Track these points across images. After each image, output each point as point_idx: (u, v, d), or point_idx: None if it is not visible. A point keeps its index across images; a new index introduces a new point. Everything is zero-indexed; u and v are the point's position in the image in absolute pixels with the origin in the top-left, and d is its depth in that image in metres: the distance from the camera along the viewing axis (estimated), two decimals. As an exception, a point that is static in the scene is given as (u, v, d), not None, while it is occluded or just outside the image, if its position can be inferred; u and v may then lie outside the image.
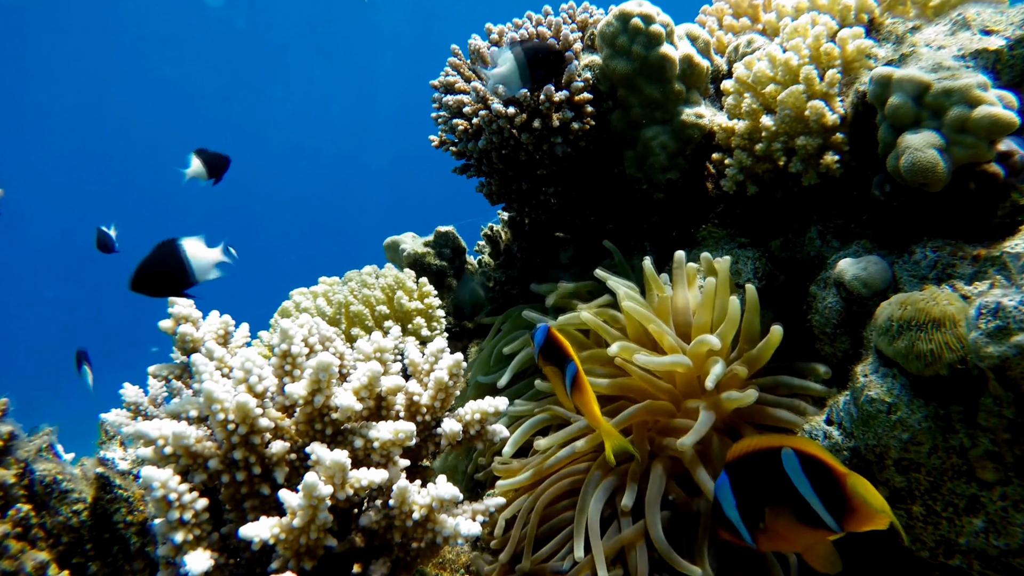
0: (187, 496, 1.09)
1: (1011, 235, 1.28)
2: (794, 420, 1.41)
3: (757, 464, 1.04)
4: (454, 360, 1.27)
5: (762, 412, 1.45)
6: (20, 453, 1.37)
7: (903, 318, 1.16)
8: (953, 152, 1.30)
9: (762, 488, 1.04)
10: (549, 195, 2.02)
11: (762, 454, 1.04)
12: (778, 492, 1.02)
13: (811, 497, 0.99)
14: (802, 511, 1.00)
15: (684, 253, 1.64)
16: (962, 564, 1.16)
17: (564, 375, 1.29)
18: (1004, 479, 1.10)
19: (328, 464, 1.07)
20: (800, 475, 1.00)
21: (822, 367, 1.49)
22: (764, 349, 1.45)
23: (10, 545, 1.25)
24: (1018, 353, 0.99)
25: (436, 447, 1.31)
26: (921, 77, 1.34)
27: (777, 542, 1.07)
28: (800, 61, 1.56)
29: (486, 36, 2.00)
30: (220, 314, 1.48)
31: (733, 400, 1.39)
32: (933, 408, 1.14)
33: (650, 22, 1.78)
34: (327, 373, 1.14)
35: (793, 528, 1.02)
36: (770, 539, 1.06)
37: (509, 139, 1.89)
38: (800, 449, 1.01)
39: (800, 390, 1.47)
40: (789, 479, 1.01)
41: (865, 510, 0.96)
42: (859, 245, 1.53)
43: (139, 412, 1.47)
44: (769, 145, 1.61)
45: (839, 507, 0.98)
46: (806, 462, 1.00)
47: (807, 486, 1.00)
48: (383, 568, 1.17)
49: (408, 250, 2.52)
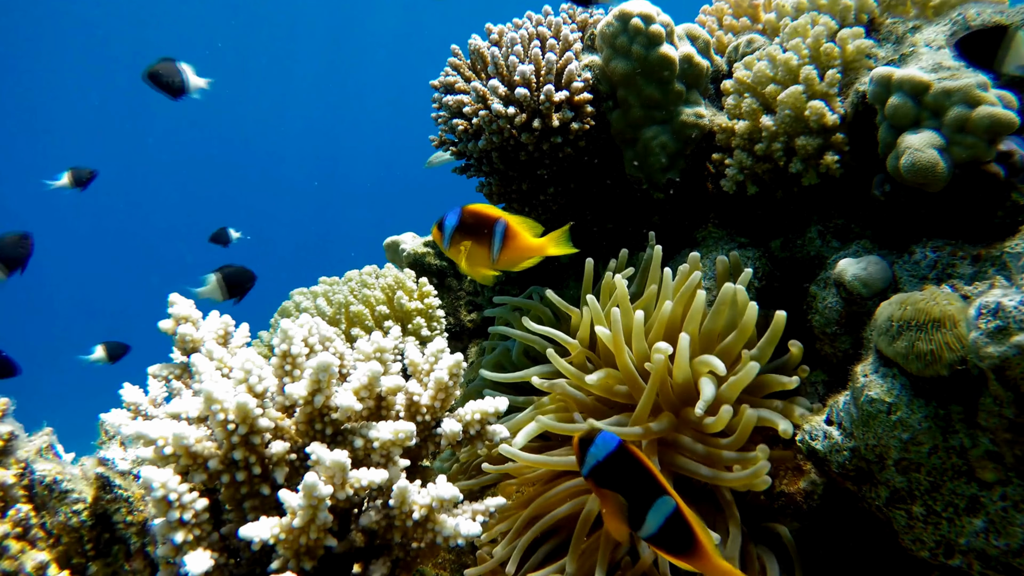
0: (187, 496, 1.09)
1: (1011, 235, 1.28)
2: (777, 413, 1.39)
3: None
4: (454, 360, 1.27)
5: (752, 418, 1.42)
6: (20, 453, 1.37)
7: (903, 318, 1.16)
8: (953, 152, 1.30)
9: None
10: (549, 195, 2.02)
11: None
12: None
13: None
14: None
15: (698, 254, 1.62)
16: (962, 564, 1.16)
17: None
18: (1004, 479, 1.10)
19: (328, 464, 1.07)
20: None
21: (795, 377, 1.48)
22: (766, 345, 1.42)
23: (10, 545, 1.25)
24: (1018, 353, 0.99)
25: (436, 447, 1.31)
26: (921, 77, 1.34)
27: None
28: (800, 61, 1.56)
29: (486, 36, 2.00)
30: (220, 314, 1.48)
31: (709, 426, 1.36)
32: (933, 408, 1.14)
33: (650, 22, 1.78)
34: (327, 373, 1.14)
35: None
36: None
37: (509, 139, 1.89)
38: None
39: (778, 387, 1.42)
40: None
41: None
42: (859, 245, 1.53)
43: (139, 412, 1.46)
44: (769, 145, 1.61)
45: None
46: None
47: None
48: (383, 568, 1.17)
49: (408, 250, 2.52)
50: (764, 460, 1.32)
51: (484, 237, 1.33)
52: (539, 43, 1.88)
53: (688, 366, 1.41)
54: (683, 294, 1.52)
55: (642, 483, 0.99)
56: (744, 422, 1.35)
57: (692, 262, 1.58)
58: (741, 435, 1.36)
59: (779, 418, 1.37)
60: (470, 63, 1.99)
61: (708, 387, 1.36)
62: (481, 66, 1.95)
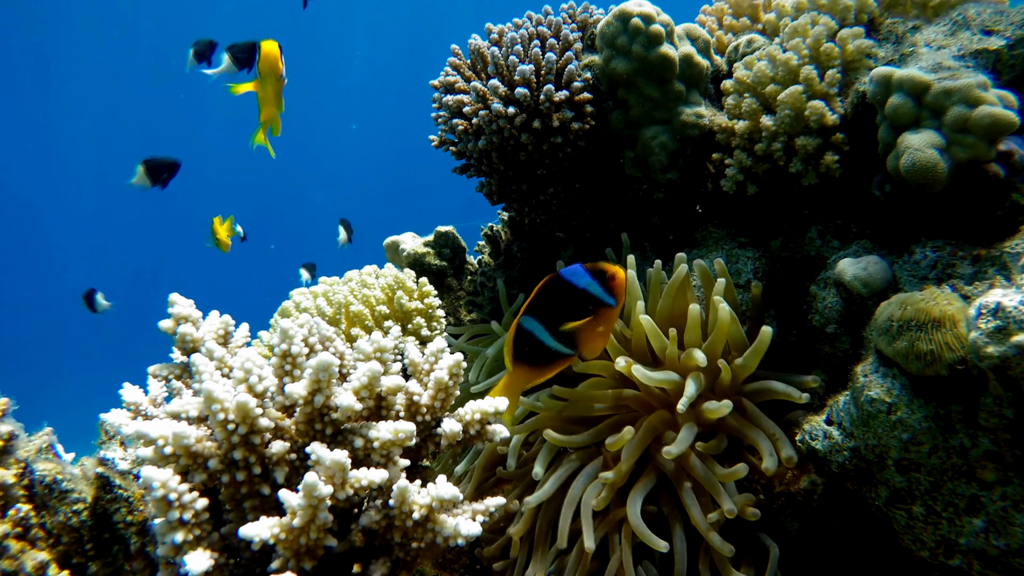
0: (187, 496, 1.09)
1: (1011, 235, 1.28)
2: (768, 443, 1.39)
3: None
4: (454, 360, 1.27)
5: (742, 428, 1.43)
6: (20, 453, 1.37)
7: (903, 318, 1.15)
8: (953, 152, 1.30)
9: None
10: (549, 195, 2.02)
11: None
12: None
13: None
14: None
15: (684, 255, 1.63)
16: (962, 564, 1.16)
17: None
18: (1004, 479, 1.10)
19: (328, 464, 1.07)
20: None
21: (812, 379, 1.48)
22: (751, 356, 1.42)
23: (10, 545, 1.25)
24: (1018, 353, 0.99)
25: (436, 447, 1.30)
26: (921, 77, 1.34)
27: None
28: (800, 61, 1.56)
29: (486, 36, 2.00)
30: (220, 314, 1.48)
31: (712, 410, 1.39)
32: (933, 408, 1.14)
33: (650, 22, 1.78)
34: (327, 373, 1.14)
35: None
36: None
37: (509, 139, 1.89)
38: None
39: (784, 396, 1.43)
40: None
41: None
42: (859, 245, 1.53)
43: (139, 412, 1.46)
44: (769, 145, 1.61)
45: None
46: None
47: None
48: (383, 568, 1.17)
49: (408, 250, 2.52)
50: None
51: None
52: (539, 43, 1.88)
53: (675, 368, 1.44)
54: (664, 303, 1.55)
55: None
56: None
57: (677, 261, 1.60)
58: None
59: (764, 443, 1.38)
60: (470, 63, 1.99)
61: (691, 385, 1.39)
62: (481, 66, 1.95)
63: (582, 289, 1.31)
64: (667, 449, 1.36)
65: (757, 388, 1.46)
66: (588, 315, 1.31)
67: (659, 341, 1.49)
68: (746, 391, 1.46)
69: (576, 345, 1.36)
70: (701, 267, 1.60)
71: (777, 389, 1.43)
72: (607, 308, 1.32)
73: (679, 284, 1.55)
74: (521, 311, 1.36)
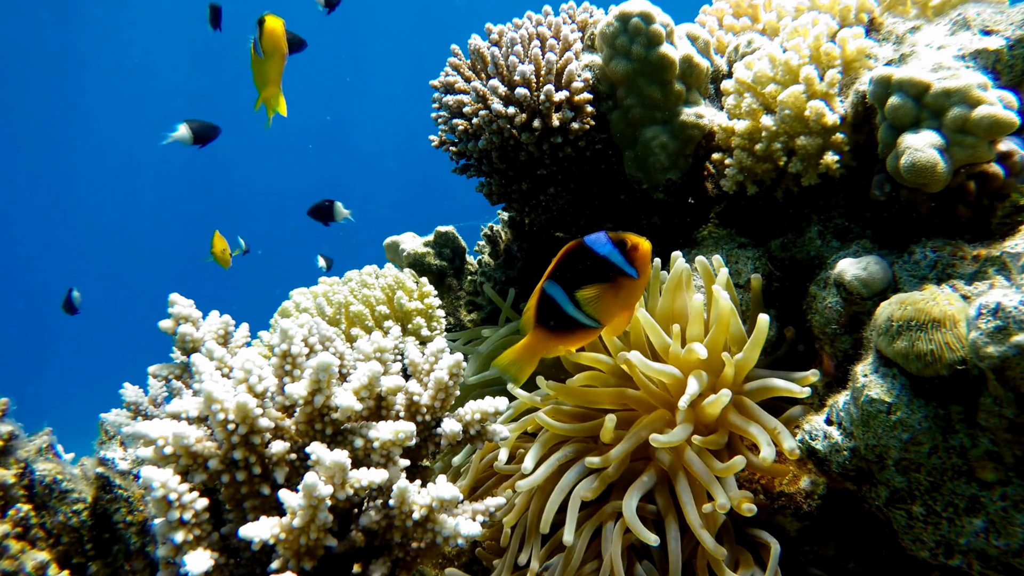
0: (187, 496, 1.09)
1: (1011, 235, 1.28)
2: (757, 436, 1.39)
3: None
4: (454, 360, 1.27)
5: (739, 423, 1.43)
6: (20, 453, 1.37)
7: (903, 318, 1.16)
8: (953, 152, 1.30)
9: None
10: (549, 195, 2.02)
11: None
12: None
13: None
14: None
15: (681, 253, 1.63)
16: (962, 564, 1.16)
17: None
18: (1004, 479, 1.10)
19: (328, 464, 1.07)
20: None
21: (811, 373, 1.47)
22: (751, 349, 1.42)
23: (10, 545, 1.25)
24: (1018, 353, 0.99)
25: (436, 447, 1.31)
26: (921, 77, 1.34)
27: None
28: (800, 61, 1.56)
29: (486, 36, 2.00)
30: (220, 314, 1.48)
31: (712, 403, 1.38)
32: (933, 408, 1.14)
33: (650, 22, 1.78)
34: (327, 373, 1.14)
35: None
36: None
37: (509, 139, 1.89)
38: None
39: (784, 392, 1.42)
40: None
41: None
42: (859, 245, 1.53)
43: (139, 412, 1.47)
44: (769, 145, 1.61)
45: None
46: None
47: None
48: (383, 568, 1.17)
49: (408, 250, 2.52)
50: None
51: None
52: (539, 43, 1.88)
53: (676, 365, 1.43)
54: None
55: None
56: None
57: (673, 259, 1.60)
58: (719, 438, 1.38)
59: (761, 436, 1.37)
60: (470, 63, 1.99)
61: (693, 383, 1.38)
62: (481, 66, 1.95)
63: (602, 256, 1.28)
64: (655, 436, 1.35)
65: (756, 387, 1.46)
66: (607, 283, 1.27)
67: (659, 338, 1.49)
68: (745, 390, 1.46)
69: (598, 317, 1.32)
70: (702, 263, 1.60)
71: (777, 386, 1.42)
72: (627, 279, 1.28)
73: (678, 281, 1.55)
74: (545, 276, 1.33)
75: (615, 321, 1.35)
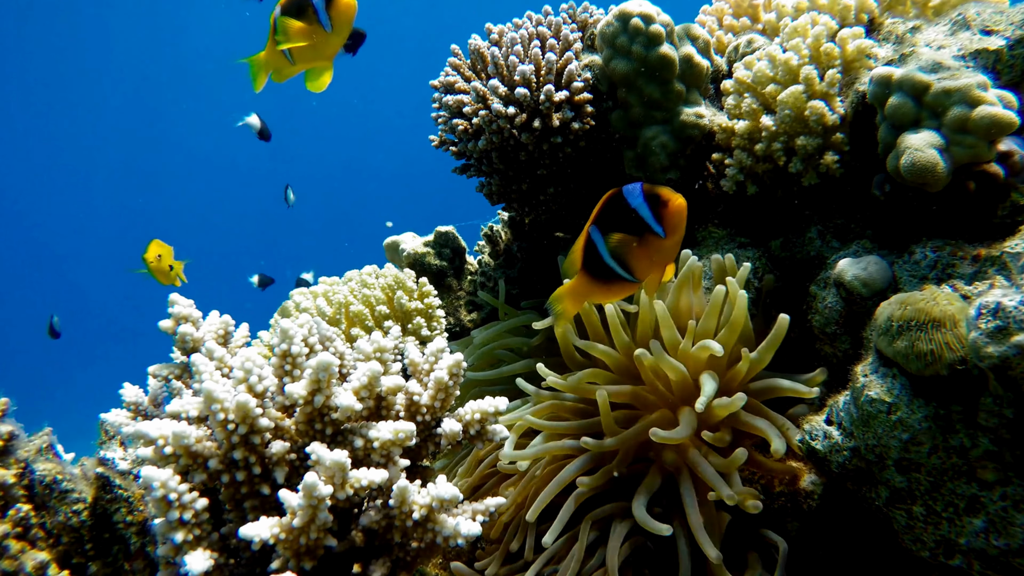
0: (187, 496, 1.09)
1: (1011, 235, 1.28)
2: (766, 431, 1.39)
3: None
4: (454, 360, 1.27)
5: (746, 419, 1.43)
6: (20, 453, 1.37)
7: (903, 318, 1.15)
8: (953, 152, 1.30)
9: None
10: (549, 195, 2.02)
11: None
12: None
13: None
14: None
15: (690, 252, 1.64)
16: (962, 564, 1.16)
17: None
18: (1004, 479, 1.10)
19: (328, 464, 1.07)
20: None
21: (819, 373, 1.48)
22: (766, 349, 1.42)
23: (10, 545, 1.25)
24: (1018, 353, 0.99)
25: (436, 447, 1.31)
26: (921, 77, 1.34)
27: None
28: (800, 61, 1.56)
29: (486, 36, 2.00)
30: (220, 314, 1.48)
31: (723, 406, 1.37)
32: (933, 408, 1.14)
33: (650, 22, 1.78)
34: (327, 373, 1.14)
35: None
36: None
37: (509, 139, 1.89)
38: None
39: (790, 392, 1.44)
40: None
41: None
42: (859, 245, 1.53)
43: (139, 412, 1.46)
44: (769, 145, 1.61)
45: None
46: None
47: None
48: (383, 568, 1.17)
49: (408, 250, 2.52)
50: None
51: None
52: (539, 43, 1.88)
53: (683, 364, 1.42)
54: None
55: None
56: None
57: (684, 257, 1.60)
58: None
59: (771, 431, 1.37)
60: (470, 63, 1.99)
61: (709, 383, 1.37)
62: (481, 66, 1.95)
63: (633, 208, 1.26)
64: (655, 431, 1.35)
65: (762, 386, 1.46)
66: (635, 236, 1.25)
67: (671, 333, 1.49)
68: (751, 389, 1.46)
69: (631, 271, 1.31)
70: (717, 261, 1.60)
71: (783, 386, 1.43)
72: (655, 236, 1.25)
73: (687, 278, 1.56)
74: (589, 221, 1.32)
75: (648, 279, 1.32)
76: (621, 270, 1.31)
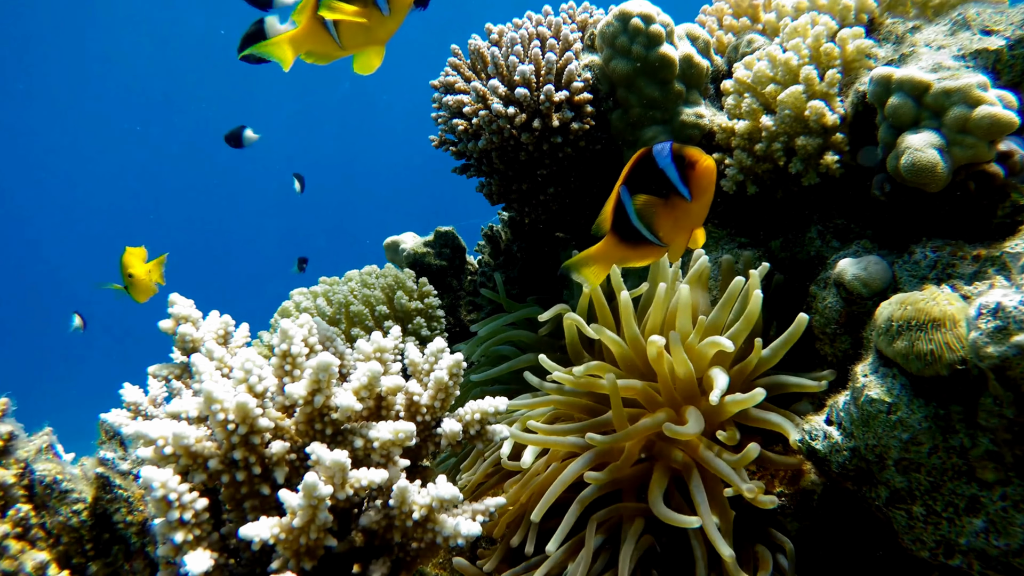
0: (187, 496, 1.09)
1: (1011, 235, 1.28)
2: (782, 424, 1.39)
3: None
4: (454, 360, 1.27)
5: (756, 415, 1.43)
6: (20, 453, 1.37)
7: (903, 318, 1.15)
8: (953, 152, 1.30)
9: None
10: (549, 195, 2.02)
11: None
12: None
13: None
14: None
15: (702, 251, 1.64)
16: (962, 564, 1.16)
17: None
18: (1004, 479, 1.10)
19: (328, 464, 1.07)
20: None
21: (827, 373, 1.48)
22: (780, 346, 1.42)
23: (10, 545, 1.25)
24: (1018, 353, 0.99)
25: (436, 447, 1.31)
26: (921, 77, 1.34)
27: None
28: (800, 61, 1.56)
29: (486, 36, 2.00)
30: (220, 314, 1.48)
31: (738, 401, 1.36)
32: (933, 408, 1.14)
33: (650, 22, 1.78)
34: (327, 373, 1.14)
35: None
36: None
37: (509, 139, 1.89)
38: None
39: (796, 388, 1.45)
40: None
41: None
42: (859, 245, 1.53)
43: (139, 412, 1.46)
44: (769, 145, 1.61)
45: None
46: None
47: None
48: (383, 568, 1.17)
49: (408, 250, 2.52)
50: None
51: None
52: (539, 43, 1.88)
53: (689, 360, 1.42)
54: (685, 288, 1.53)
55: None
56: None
57: (696, 256, 1.60)
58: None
59: (787, 424, 1.37)
60: (470, 63, 1.99)
61: (721, 377, 1.36)
62: (481, 66, 1.95)
63: (660, 169, 1.22)
64: (668, 425, 1.34)
65: (769, 382, 1.46)
66: (660, 197, 1.22)
67: (684, 324, 1.49)
68: (758, 385, 1.46)
69: (657, 234, 1.27)
70: (728, 261, 1.60)
71: (790, 382, 1.44)
72: (680, 199, 1.21)
73: (699, 276, 1.56)
74: (619, 181, 1.29)
75: (674, 244, 1.29)
76: (648, 233, 1.27)
